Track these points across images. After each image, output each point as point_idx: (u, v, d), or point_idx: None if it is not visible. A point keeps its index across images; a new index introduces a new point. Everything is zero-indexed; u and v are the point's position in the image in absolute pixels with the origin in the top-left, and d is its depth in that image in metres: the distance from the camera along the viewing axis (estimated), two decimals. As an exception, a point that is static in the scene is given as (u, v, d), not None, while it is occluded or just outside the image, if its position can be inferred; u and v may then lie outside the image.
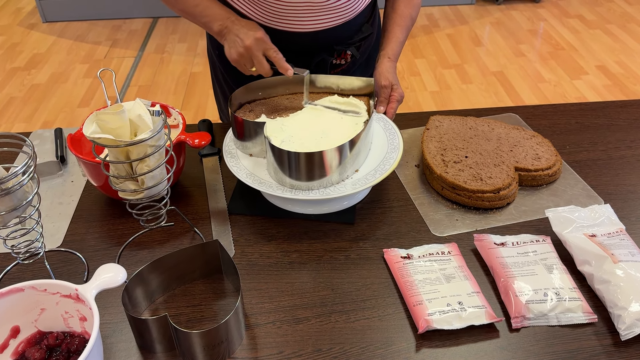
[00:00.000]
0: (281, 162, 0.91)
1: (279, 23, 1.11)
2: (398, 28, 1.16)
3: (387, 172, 0.95)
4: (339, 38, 1.18)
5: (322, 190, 0.93)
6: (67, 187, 1.09)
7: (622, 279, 0.80)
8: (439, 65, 3.30)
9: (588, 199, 1.03)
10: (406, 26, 1.17)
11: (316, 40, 1.15)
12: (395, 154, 0.99)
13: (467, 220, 0.98)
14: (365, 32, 1.21)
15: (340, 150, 0.91)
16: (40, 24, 3.89)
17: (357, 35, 1.20)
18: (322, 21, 1.12)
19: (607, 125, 1.24)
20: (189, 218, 1.00)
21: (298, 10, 1.08)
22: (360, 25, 1.20)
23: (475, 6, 4.06)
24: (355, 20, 1.17)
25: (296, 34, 1.13)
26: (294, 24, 1.11)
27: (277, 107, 1.08)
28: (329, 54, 1.19)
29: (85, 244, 0.96)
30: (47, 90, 3.12)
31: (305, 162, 0.90)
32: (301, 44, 1.15)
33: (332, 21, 1.13)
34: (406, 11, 1.17)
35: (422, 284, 0.83)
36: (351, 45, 1.20)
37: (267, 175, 0.96)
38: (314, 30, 1.13)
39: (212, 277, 0.89)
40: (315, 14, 1.10)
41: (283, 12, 1.09)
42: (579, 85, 3.08)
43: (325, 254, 0.93)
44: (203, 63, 3.35)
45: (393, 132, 1.04)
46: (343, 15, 1.13)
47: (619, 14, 3.89)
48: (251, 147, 1.00)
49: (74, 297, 0.73)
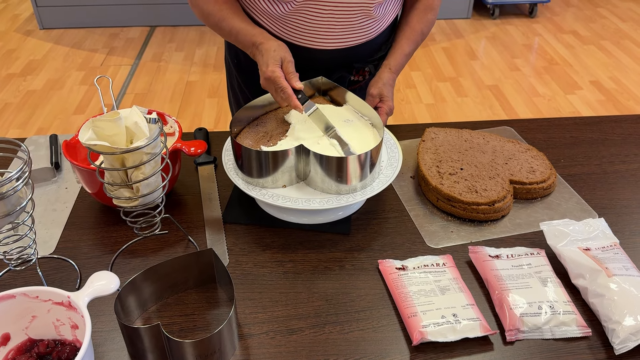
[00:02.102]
0: (329, 169, 0.91)
1: (301, 40, 1.11)
2: (406, 41, 1.15)
3: (386, 183, 0.96)
4: (359, 56, 1.18)
5: (317, 200, 0.93)
6: (61, 193, 1.09)
7: (616, 293, 0.80)
8: (435, 78, 3.32)
9: (582, 212, 1.03)
10: (415, 40, 1.16)
11: (336, 57, 1.15)
12: (394, 166, 0.99)
13: (462, 232, 0.98)
14: (384, 50, 1.21)
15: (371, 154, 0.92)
16: (37, 31, 3.89)
17: (376, 53, 1.20)
18: (343, 40, 1.12)
19: (601, 140, 1.25)
20: (183, 226, 1.00)
21: (321, 28, 1.08)
22: (380, 44, 1.20)
23: (471, 20, 4.10)
24: (376, 40, 1.17)
25: (317, 51, 1.13)
26: (316, 41, 1.11)
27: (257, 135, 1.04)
28: (348, 71, 1.19)
29: (78, 251, 0.95)
30: (42, 96, 3.12)
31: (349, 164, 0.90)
32: (321, 61, 1.15)
33: (354, 40, 1.13)
34: (418, 26, 1.16)
35: (416, 295, 0.83)
36: (370, 64, 1.20)
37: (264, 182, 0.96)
38: (335, 48, 1.13)
39: (206, 286, 0.88)
40: (337, 33, 1.10)
41: (305, 29, 1.09)
42: (573, 100, 3.10)
43: (320, 264, 0.92)
44: (200, 72, 3.36)
45: (392, 144, 1.04)
46: (364, 35, 1.13)
47: (613, 30, 3.94)
48: (280, 179, 0.95)
49: (66, 304, 0.73)
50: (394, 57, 1.14)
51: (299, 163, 0.94)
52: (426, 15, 1.16)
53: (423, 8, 1.16)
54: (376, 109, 1.08)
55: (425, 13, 1.16)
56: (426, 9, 1.16)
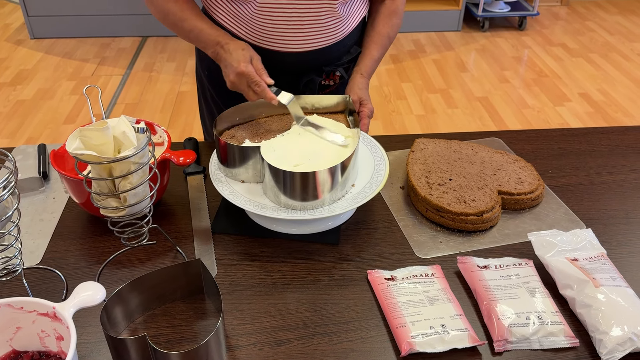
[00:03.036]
0: (277, 181, 0.91)
1: (268, 43, 1.12)
2: (374, 46, 1.19)
3: (374, 193, 0.96)
4: (328, 59, 1.19)
5: (307, 210, 0.93)
6: (49, 203, 1.08)
7: (604, 304, 0.80)
8: (425, 90, 3.34)
9: (570, 223, 1.04)
10: (382, 44, 1.19)
11: (305, 60, 1.16)
12: (381, 176, 0.99)
13: (451, 243, 0.99)
14: (354, 53, 1.23)
15: (333, 172, 0.91)
16: (28, 40, 3.88)
17: (345, 56, 1.22)
18: (310, 42, 1.13)
19: (589, 151, 1.26)
20: (171, 237, 0.99)
21: (287, 30, 1.10)
22: (349, 46, 1.22)
23: (461, 33, 4.13)
24: (344, 42, 1.19)
25: (285, 54, 1.14)
26: (283, 44, 1.12)
27: (259, 130, 1.07)
28: (318, 74, 1.20)
29: (65, 262, 0.94)
30: (32, 106, 3.10)
31: (300, 181, 0.90)
32: (290, 64, 1.16)
33: (321, 42, 1.14)
34: (384, 30, 1.19)
35: (405, 306, 0.83)
36: (340, 66, 1.21)
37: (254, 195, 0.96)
38: (302, 51, 1.14)
39: (194, 297, 0.87)
40: (304, 35, 1.11)
41: (272, 32, 1.10)
42: (562, 111, 3.13)
43: (309, 275, 0.92)
44: (191, 82, 3.36)
45: (379, 154, 1.05)
46: (332, 36, 1.14)
47: (601, 43, 3.99)
48: (243, 174, 0.98)
49: (51, 315, 0.72)
50: (364, 62, 1.18)
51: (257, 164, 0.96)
52: (391, 19, 1.20)
53: (388, 13, 1.20)
54: (358, 113, 1.11)
55: (390, 17, 1.20)
56: (390, 14, 1.20)
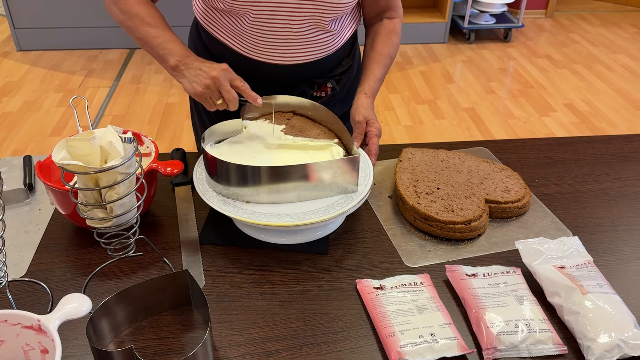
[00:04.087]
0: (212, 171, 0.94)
1: (261, 55, 1.13)
2: (376, 65, 1.18)
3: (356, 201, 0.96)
4: (320, 71, 1.19)
5: (293, 215, 0.93)
6: (34, 215, 1.07)
7: (591, 310, 0.81)
8: (413, 101, 3.36)
9: (557, 231, 1.05)
10: (384, 64, 1.19)
11: (297, 73, 1.17)
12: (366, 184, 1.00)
13: (439, 251, 0.99)
14: (345, 65, 1.23)
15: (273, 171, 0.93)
16: (14, 52, 3.85)
17: (337, 69, 1.22)
18: (302, 55, 1.13)
19: (574, 160, 1.27)
20: (158, 248, 0.99)
21: (279, 43, 1.10)
22: (340, 59, 1.22)
23: (448, 45, 4.18)
24: (336, 55, 1.19)
25: (277, 66, 1.14)
26: (275, 56, 1.12)
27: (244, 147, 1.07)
28: (309, 86, 1.20)
29: (50, 274, 0.93)
30: (18, 118, 3.08)
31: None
32: (282, 77, 1.16)
33: (313, 55, 1.14)
34: (384, 50, 1.19)
35: (394, 315, 0.83)
36: (331, 79, 1.22)
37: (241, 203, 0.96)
38: (294, 64, 1.14)
39: (181, 309, 0.87)
40: (295, 48, 1.12)
41: (264, 44, 1.11)
42: (548, 122, 3.17)
43: (298, 285, 0.92)
44: (179, 94, 3.35)
45: (365, 162, 1.05)
46: (323, 49, 1.15)
47: (585, 54, 4.05)
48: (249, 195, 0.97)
49: (36, 328, 0.71)
50: (368, 82, 1.16)
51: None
52: (390, 38, 1.20)
53: (387, 33, 1.20)
54: (366, 134, 1.10)
55: (390, 37, 1.20)
56: (389, 33, 1.20)
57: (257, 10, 1.05)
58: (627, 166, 1.25)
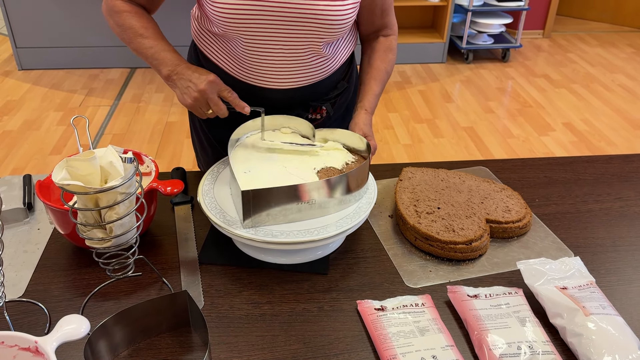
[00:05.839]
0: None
1: (255, 80, 1.13)
2: (374, 81, 1.19)
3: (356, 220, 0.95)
4: (315, 94, 1.20)
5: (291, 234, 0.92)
6: (33, 235, 1.06)
7: (594, 332, 0.80)
8: (412, 120, 3.38)
9: (558, 251, 1.04)
10: (382, 80, 1.20)
11: (291, 97, 1.17)
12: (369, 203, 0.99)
13: (441, 272, 0.98)
14: (341, 88, 1.24)
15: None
16: (15, 71, 3.88)
17: (332, 91, 1.23)
18: (296, 79, 1.14)
19: (575, 180, 1.27)
20: (158, 268, 0.98)
21: (272, 68, 1.11)
22: (335, 82, 1.23)
23: (446, 64, 4.21)
24: (331, 78, 1.20)
25: (272, 90, 1.14)
26: (269, 81, 1.13)
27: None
28: (304, 109, 1.21)
29: (48, 294, 0.92)
30: (18, 137, 3.08)
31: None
32: (276, 100, 1.17)
33: (307, 79, 1.15)
34: (382, 66, 1.20)
35: (396, 337, 0.82)
36: (327, 102, 1.22)
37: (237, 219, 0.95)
38: (289, 88, 1.14)
39: (180, 330, 0.86)
40: (289, 73, 1.12)
41: (258, 69, 1.11)
42: (547, 141, 3.18)
43: (298, 305, 0.91)
44: (179, 112, 3.37)
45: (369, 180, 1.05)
46: (318, 74, 1.15)
47: (583, 74, 4.08)
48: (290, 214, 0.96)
49: (33, 350, 0.70)
50: (367, 98, 1.17)
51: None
52: (387, 55, 1.22)
53: (383, 49, 1.22)
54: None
55: (386, 53, 1.22)
56: (386, 50, 1.22)
57: (248, 34, 1.05)
58: (627, 186, 1.25)
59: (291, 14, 1.02)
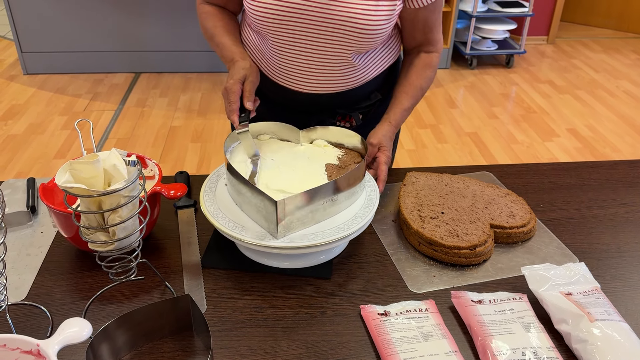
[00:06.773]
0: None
1: (284, 80, 1.14)
2: (405, 96, 1.17)
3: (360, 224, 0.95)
4: (344, 102, 1.19)
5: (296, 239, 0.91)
6: (36, 238, 1.06)
7: (599, 338, 0.79)
8: (416, 125, 3.37)
9: (563, 257, 1.03)
10: (414, 95, 1.18)
11: (317, 102, 1.17)
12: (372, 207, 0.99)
13: (445, 277, 0.98)
14: (374, 99, 1.22)
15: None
16: (20, 76, 3.90)
17: (364, 101, 1.21)
18: (324, 86, 1.13)
19: (579, 185, 1.27)
20: (160, 271, 0.98)
21: (300, 71, 1.11)
22: (369, 93, 1.21)
23: (450, 70, 4.21)
24: (363, 88, 1.19)
25: (299, 93, 1.14)
26: (296, 83, 1.13)
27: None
28: (331, 115, 1.20)
29: (51, 298, 0.92)
30: (23, 141, 3.09)
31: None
32: (303, 103, 1.17)
33: (335, 87, 1.14)
34: (417, 81, 1.18)
35: (399, 342, 0.81)
36: (356, 111, 1.21)
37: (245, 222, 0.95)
38: (314, 92, 1.14)
39: (182, 334, 0.85)
40: (317, 78, 1.12)
41: (285, 70, 1.12)
42: (551, 146, 3.17)
43: (301, 310, 0.90)
44: (184, 117, 3.38)
45: (371, 184, 1.05)
46: (347, 83, 1.15)
47: (587, 80, 4.07)
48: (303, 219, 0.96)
49: (35, 353, 0.70)
50: (394, 111, 1.16)
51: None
52: (425, 71, 1.19)
53: (422, 65, 1.19)
54: (374, 158, 1.10)
55: (424, 70, 1.19)
56: (425, 66, 1.19)
57: (278, 34, 1.06)
58: (632, 191, 1.25)
59: (322, 19, 1.02)
